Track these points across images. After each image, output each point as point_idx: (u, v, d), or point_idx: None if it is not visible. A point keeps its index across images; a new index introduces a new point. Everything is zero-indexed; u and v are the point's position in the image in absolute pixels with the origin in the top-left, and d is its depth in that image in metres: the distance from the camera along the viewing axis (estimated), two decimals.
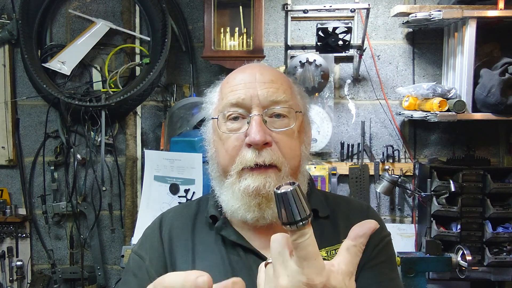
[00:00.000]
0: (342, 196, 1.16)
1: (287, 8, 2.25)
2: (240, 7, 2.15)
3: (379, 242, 1.01)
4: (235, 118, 0.94)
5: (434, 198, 2.07)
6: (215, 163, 0.99)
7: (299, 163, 0.96)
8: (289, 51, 2.31)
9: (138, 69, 2.35)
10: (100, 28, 2.30)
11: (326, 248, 0.97)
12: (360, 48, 2.21)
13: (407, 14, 2.11)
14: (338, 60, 2.35)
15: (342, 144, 2.35)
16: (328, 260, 0.94)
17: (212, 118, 0.99)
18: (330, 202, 1.06)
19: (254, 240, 0.96)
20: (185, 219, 1.04)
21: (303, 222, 0.54)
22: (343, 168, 2.34)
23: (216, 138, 0.98)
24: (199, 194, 1.97)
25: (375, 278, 0.96)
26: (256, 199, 0.90)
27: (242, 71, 0.98)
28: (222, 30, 2.16)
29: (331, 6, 2.17)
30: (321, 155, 2.36)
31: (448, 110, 2.03)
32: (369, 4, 2.11)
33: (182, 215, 1.05)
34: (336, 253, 0.96)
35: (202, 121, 1.06)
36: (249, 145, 0.90)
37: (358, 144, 2.35)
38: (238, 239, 0.96)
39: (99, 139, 2.30)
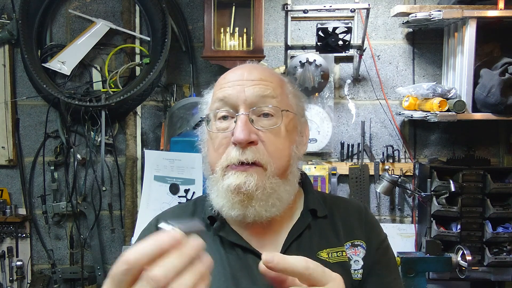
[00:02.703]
0: (339, 197, 1.17)
1: (287, 8, 2.24)
2: (233, 7, 2.14)
3: (380, 245, 1.02)
4: (224, 118, 0.95)
5: (434, 198, 2.07)
6: (207, 162, 1.00)
7: (288, 163, 0.96)
8: (289, 51, 2.31)
9: (138, 69, 2.35)
10: (100, 28, 2.30)
11: (327, 250, 0.97)
12: (360, 48, 2.20)
13: (407, 14, 2.11)
14: (338, 60, 2.35)
15: (342, 144, 2.35)
16: (329, 262, 0.96)
17: (201, 118, 1.01)
18: (327, 202, 1.06)
19: (252, 239, 0.97)
20: (181, 220, 1.03)
21: None
22: (343, 168, 2.34)
23: (208, 137, 0.99)
24: (199, 194, 1.97)
25: (380, 281, 0.99)
26: (238, 197, 0.90)
27: (232, 71, 0.99)
28: (222, 30, 2.16)
29: (331, 6, 2.17)
30: (321, 155, 2.37)
31: (448, 110, 2.03)
32: (369, 4, 2.11)
33: (179, 217, 1.05)
34: (337, 255, 0.97)
35: (201, 121, 1.07)
36: (235, 144, 0.91)
37: (358, 144, 2.35)
38: (237, 239, 0.96)
39: (99, 139, 2.30)
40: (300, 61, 2.25)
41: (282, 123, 0.94)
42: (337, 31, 2.09)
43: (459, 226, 2.09)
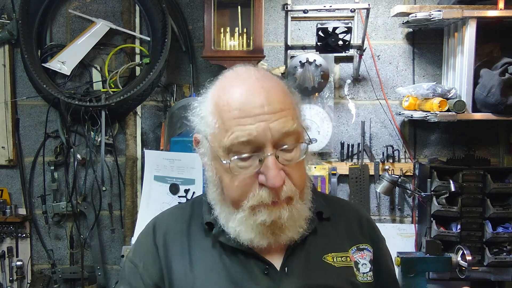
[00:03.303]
0: (338, 198, 1.18)
1: (287, 8, 2.24)
2: (239, 7, 2.14)
3: (384, 248, 1.07)
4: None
5: (434, 198, 2.07)
6: (219, 189, 0.95)
7: (305, 183, 0.95)
8: (289, 51, 2.31)
9: (138, 69, 2.35)
10: (100, 28, 2.30)
11: (332, 254, 0.97)
12: (360, 48, 2.20)
13: (407, 14, 2.11)
14: (338, 60, 2.35)
15: (342, 144, 2.35)
16: (335, 266, 0.95)
17: (223, 161, 0.89)
18: (328, 203, 1.06)
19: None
20: (179, 223, 1.02)
21: None
22: (343, 168, 2.34)
23: (218, 166, 0.92)
24: (199, 194, 1.96)
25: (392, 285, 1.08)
26: (270, 229, 0.90)
27: (245, 95, 0.88)
28: (222, 30, 2.16)
29: (331, 6, 2.16)
30: (321, 155, 2.36)
31: (448, 110, 2.03)
32: (369, 4, 2.11)
33: (177, 219, 1.03)
34: (342, 260, 0.97)
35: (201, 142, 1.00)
36: (263, 184, 0.87)
37: (358, 144, 2.35)
38: (239, 244, 0.93)
39: (99, 139, 2.30)
40: (300, 61, 2.25)
41: (305, 153, 0.91)
42: (337, 31, 2.09)
43: (459, 226, 2.09)
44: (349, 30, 2.09)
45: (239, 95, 0.88)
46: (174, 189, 2.02)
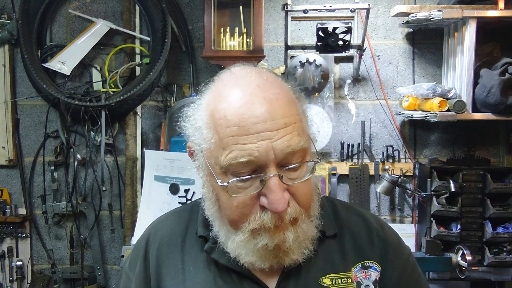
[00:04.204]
0: (352, 208, 1.02)
1: (287, 8, 2.24)
2: (240, 7, 2.14)
3: (404, 265, 0.95)
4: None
5: (434, 198, 2.07)
6: (216, 206, 0.87)
7: (313, 200, 0.87)
8: (289, 51, 2.31)
9: (138, 69, 2.35)
10: (100, 28, 2.30)
11: (331, 275, 0.89)
12: (360, 48, 2.20)
13: (407, 14, 2.11)
14: (338, 60, 2.35)
15: (342, 144, 2.35)
16: None
17: (219, 183, 0.81)
18: (338, 215, 0.97)
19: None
20: (174, 234, 0.97)
21: None
22: (343, 168, 2.34)
23: (215, 184, 0.83)
24: (199, 194, 1.96)
25: None
26: (273, 253, 0.83)
27: (242, 105, 0.78)
28: (222, 30, 2.16)
29: (331, 6, 2.17)
30: (321, 155, 2.36)
31: (448, 110, 2.03)
32: (369, 4, 2.11)
33: (172, 229, 0.98)
34: (342, 282, 0.88)
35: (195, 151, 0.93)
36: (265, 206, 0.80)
37: (358, 144, 2.35)
38: (230, 263, 0.88)
39: (99, 139, 2.30)
40: (300, 61, 2.25)
41: (312, 170, 0.83)
42: (337, 31, 2.09)
43: (459, 226, 2.09)
44: (349, 30, 2.09)
45: (237, 107, 0.78)
46: (174, 189, 2.02)
